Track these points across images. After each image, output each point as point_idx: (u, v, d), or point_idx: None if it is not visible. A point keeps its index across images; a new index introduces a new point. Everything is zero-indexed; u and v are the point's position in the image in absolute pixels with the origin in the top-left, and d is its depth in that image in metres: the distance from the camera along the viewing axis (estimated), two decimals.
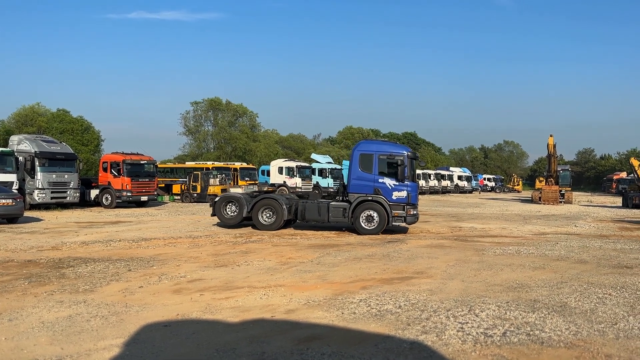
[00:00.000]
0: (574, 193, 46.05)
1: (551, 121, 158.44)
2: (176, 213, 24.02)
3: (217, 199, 17.04)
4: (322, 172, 44.25)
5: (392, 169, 15.60)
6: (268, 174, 41.80)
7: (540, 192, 38.53)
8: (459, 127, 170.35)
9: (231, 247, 12.40)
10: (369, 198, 15.52)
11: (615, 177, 70.55)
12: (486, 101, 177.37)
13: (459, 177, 65.29)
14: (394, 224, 15.65)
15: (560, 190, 38.30)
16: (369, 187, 15.63)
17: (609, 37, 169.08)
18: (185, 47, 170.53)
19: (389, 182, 15.51)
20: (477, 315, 6.36)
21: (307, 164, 43.48)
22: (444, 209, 29.83)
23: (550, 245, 13.47)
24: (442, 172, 61.23)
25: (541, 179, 52.60)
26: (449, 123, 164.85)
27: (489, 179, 79.66)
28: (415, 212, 15.75)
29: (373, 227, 15.43)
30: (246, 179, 39.93)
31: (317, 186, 41.31)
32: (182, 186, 34.91)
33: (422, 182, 50.10)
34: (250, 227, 16.73)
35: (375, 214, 15.43)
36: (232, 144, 61.55)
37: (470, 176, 70.18)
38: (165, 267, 9.58)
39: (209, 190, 32.87)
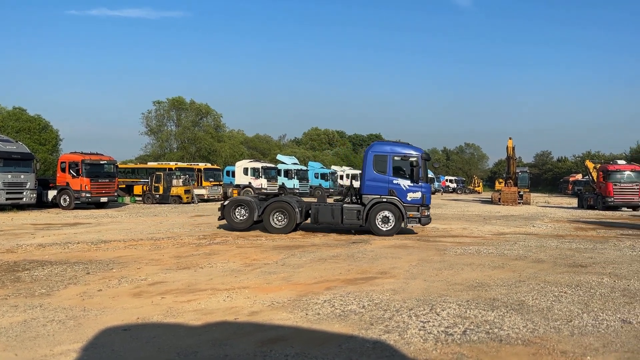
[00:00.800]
0: (532, 194, 47.36)
1: (511, 124, 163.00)
2: (137, 215, 23.53)
3: (226, 202, 16.45)
4: (287, 173, 44.20)
5: (407, 170, 15.58)
6: (233, 175, 41.43)
7: (500, 193, 39.43)
8: (422, 130, 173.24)
9: (194, 249, 12.23)
10: (384, 200, 15.44)
11: (571, 179, 72.77)
12: (448, 104, 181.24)
13: None
14: (408, 225, 15.63)
15: (519, 192, 39.27)
16: (383, 189, 15.52)
17: (568, 41, 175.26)
18: (148, 45, 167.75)
19: (404, 183, 15.45)
20: (438, 314, 6.47)
21: (272, 165, 43.33)
22: None
23: (509, 245, 13.81)
24: None
25: (500, 180, 53.94)
26: (413, 125, 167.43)
27: (450, 181, 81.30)
28: (428, 213, 15.72)
29: (389, 228, 15.37)
30: (210, 179, 39.45)
31: (282, 187, 41.17)
32: (144, 187, 34.22)
33: None
34: (221, 229, 16.56)
35: (391, 215, 15.36)
36: (196, 144, 60.65)
37: (433, 177, 71.34)
38: (126, 270, 9.37)
39: (171, 192, 32.36)
